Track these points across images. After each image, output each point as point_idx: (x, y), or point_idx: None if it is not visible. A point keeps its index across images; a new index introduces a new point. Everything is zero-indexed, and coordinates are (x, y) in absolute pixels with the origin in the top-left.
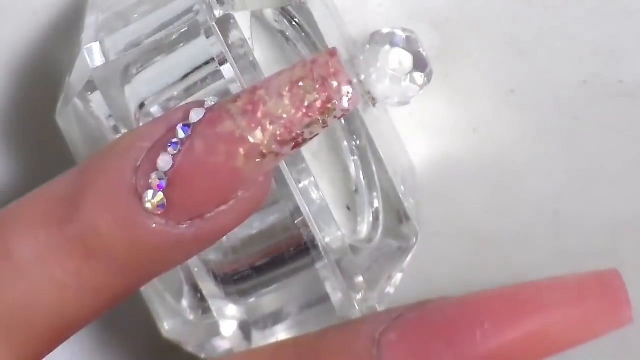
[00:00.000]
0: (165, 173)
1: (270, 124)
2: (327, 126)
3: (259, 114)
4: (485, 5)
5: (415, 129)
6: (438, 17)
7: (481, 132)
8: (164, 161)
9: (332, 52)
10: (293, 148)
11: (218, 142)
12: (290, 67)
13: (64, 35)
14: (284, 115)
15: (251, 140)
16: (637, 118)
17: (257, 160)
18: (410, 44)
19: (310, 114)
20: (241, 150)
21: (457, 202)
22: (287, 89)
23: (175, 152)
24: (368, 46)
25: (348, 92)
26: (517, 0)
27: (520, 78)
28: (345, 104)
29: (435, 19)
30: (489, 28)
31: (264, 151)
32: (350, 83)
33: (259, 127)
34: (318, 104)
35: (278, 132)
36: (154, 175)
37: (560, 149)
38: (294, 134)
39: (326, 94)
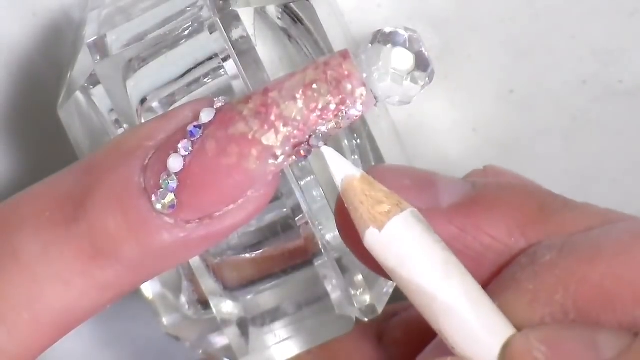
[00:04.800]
0: (176, 174)
1: (283, 125)
2: (341, 128)
3: (272, 117)
4: (485, 5)
5: (415, 129)
6: (438, 17)
7: (481, 132)
8: (176, 162)
9: (345, 54)
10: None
11: (230, 144)
12: (302, 69)
13: (63, 35)
14: (298, 118)
15: (264, 142)
16: (637, 118)
17: (269, 161)
18: (412, 44)
19: (324, 117)
20: (254, 152)
21: None
22: (300, 91)
23: (186, 153)
24: (370, 45)
25: (362, 95)
26: (517, 0)
27: (520, 78)
28: (359, 106)
29: (435, 19)
30: (489, 28)
31: (277, 153)
32: (364, 85)
33: (272, 129)
34: (332, 106)
35: (292, 135)
36: (164, 176)
37: (560, 149)
38: (307, 136)
39: (340, 96)
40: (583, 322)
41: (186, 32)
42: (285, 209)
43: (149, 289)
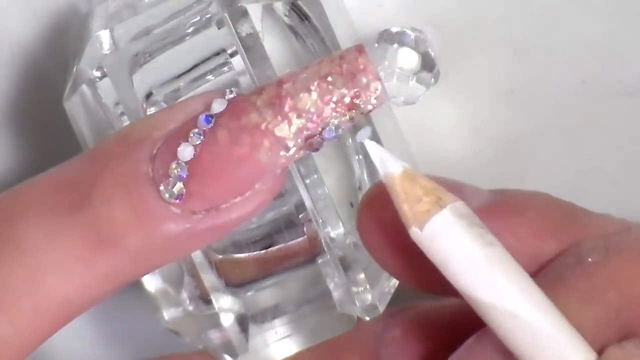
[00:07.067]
0: (186, 163)
1: (297, 117)
2: (354, 122)
3: (286, 108)
4: (485, 5)
5: (415, 129)
6: (438, 17)
7: (481, 132)
8: (186, 151)
9: (360, 48)
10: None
11: (243, 134)
12: (316, 62)
13: (69, 28)
14: (312, 110)
15: (277, 133)
16: (637, 118)
17: (281, 153)
18: (418, 44)
19: (338, 110)
20: (266, 143)
21: None
22: (315, 83)
23: (198, 142)
24: (376, 44)
25: (377, 89)
26: (517, 0)
27: (520, 78)
28: (373, 100)
29: (435, 19)
30: (489, 28)
31: (290, 145)
32: (379, 79)
33: (286, 120)
34: (347, 99)
35: (305, 127)
36: (173, 165)
37: (560, 149)
38: (320, 129)
39: (355, 89)
40: None
41: (193, 27)
42: (287, 206)
43: (151, 283)
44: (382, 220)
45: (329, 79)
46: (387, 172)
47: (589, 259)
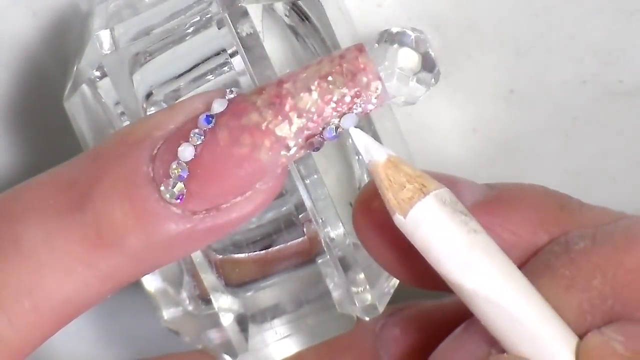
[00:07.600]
0: (187, 163)
1: (297, 117)
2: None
3: (287, 107)
4: (485, 5)
5: (415, 129)
6: (438, 17)
7: (481, 132)
8: (187, 151)
9: (360, 48)
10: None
11: (243, 134)
12: (316, 62)
13: (69, 28)
14: (312, 109)
15: (278, 133)
16: (637, 118)
17: (281, 152)
18: (419, 45)
19: (338, 109)
20: (266, 142)
21: None
22: (315, 83)
23: (198, 142)
24: (377, 45)
25: (377, 88)
26: (516, 0)
27: (520, 78)
28: (374, 99)
29: (435, 19)
30: (489, 28)
31: (290, 144)
32: (379, 79)
33: (286, 120)
34: (347, 99)
35: (306, 126)
36: (174, 165)
37: (560, 149)
38: (321, 128)
39: (356, 89)
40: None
41: (193, 27)
42: (287, 206)
43: (151, 283)
44: (377, 216)
45: (330, 78)
46: (372, 159)
47: (577, 246)
